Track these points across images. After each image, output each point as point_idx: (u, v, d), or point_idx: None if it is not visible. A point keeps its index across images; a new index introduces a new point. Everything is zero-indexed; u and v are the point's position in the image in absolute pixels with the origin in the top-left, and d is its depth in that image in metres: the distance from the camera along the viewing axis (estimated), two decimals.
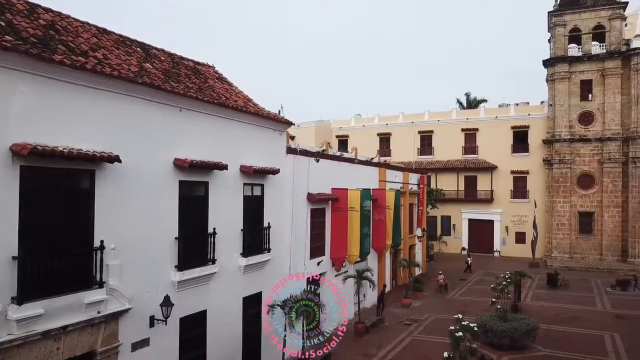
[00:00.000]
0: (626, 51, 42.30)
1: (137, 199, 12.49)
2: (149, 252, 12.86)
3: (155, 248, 13.07)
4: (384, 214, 27.13)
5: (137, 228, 12.44)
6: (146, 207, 12.78)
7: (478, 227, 48.82)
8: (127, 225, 12.16)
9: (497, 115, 49.13)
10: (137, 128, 12.68)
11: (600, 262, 41.84)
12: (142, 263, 12.61)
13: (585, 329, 23.02)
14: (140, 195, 12.60)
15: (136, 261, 12.39)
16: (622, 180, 42.16)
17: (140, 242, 12.57)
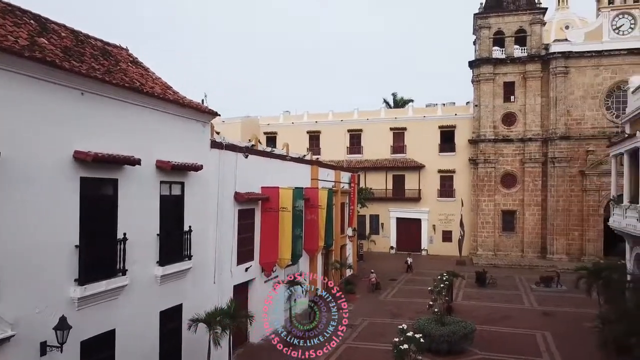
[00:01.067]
0: (545, 55, 43.90)
1: (24, 199, 10.17)
2: (40, 263, 10.58)
3: (48, 258, 10.79)
4: (316, 214, 25.76)
5: (24, 235, 10.13)
6: (37, 209, 10.49)
7: (406, 226, 48.92)
8: (10, 232, 9.83)
9: (425, 115, 49.45)
10: (26, 113, 10.35)
11: (522, 258, 43.17)
12: (30, 277, 10.33)
13: (517, 328, 22.93)
14: (29, 194, 10.29)
15: (22, 275, 10.10)
16: (541, 180, 43.72)
17: (28, 251, 10.28)
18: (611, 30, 42.28)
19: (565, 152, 42.54)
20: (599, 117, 42.28)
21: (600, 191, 41.29)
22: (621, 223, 20.21)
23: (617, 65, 41.89)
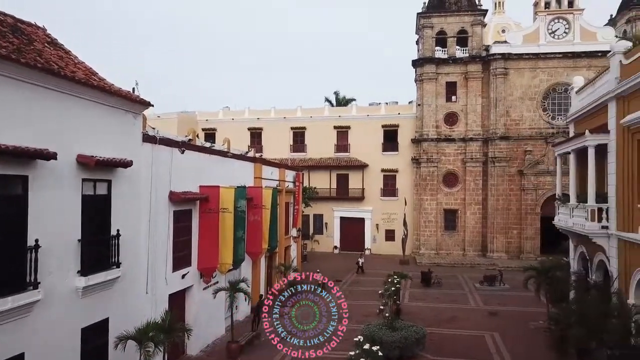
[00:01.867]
0: (486, 56, 44.57)
1: None
2: None
3: None
4: (260, 215, 24.27)
5: None
6: None
7: (349, 225, 48.28)
8: None
9: (369, 114, 48.98)
10: None
11: (464, 257, 43.60)
12: None
13: (465, 329, 22.52)
14: None
15: None
16: (482, 179, 44.36)
17: None
18: (547, 34, 43.50)
19: (504, 152, 43.36)
20: (536, 118, 43.40)
21: (537, 190, 42.40)
22: (567, 222, 20.20)
23: (553, 68, 43.15)
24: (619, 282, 16.58)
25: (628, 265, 16.07)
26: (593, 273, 19.37)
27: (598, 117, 19.04)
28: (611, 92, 17.08)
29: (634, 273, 15.54)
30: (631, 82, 15.43)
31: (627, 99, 16.21)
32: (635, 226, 15.59)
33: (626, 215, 16.17)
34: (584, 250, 20.75)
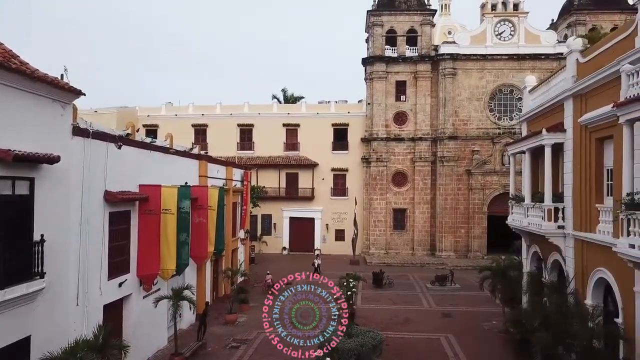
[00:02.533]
0: (435, 56, 44.74)
1: None
2: None
3: None
4: (205, 216, 22.71)
5: None
6: None
7: (299, 225, 47.21)
8: None
9: (319, 112, 48.11)
10: None
11: (413, 256, 43.55)
12: None
13: (421, 332, 21.99)
14: None
15: None
16: (431, 179, 44.49)
17: None
18: (494, 35, 44.20)
19: (453, 151, 43.66)
20: (483, 118, 43.98)
21: (484, 189, 42.97)
22: (522, 222, 20.03)
23: (499, 69, 43.88)
24: (576, 283, 16.40)
25: (585, 265, 15.88)
26: (547, 273, 19.22)
27: (553, 116, 18.90)
28: (568, 90, 16.89)
29: (591, 273, 15.35)
30: (590, 80, 15.21)
31: (584, 98, 16.03)
32: (593, 226, 15.40)
33: (583, 215, 15.98)
34: (537, 249, 20.65)
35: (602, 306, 15.35)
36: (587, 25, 44.33)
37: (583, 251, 16.05)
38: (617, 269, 13.78)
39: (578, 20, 44.09)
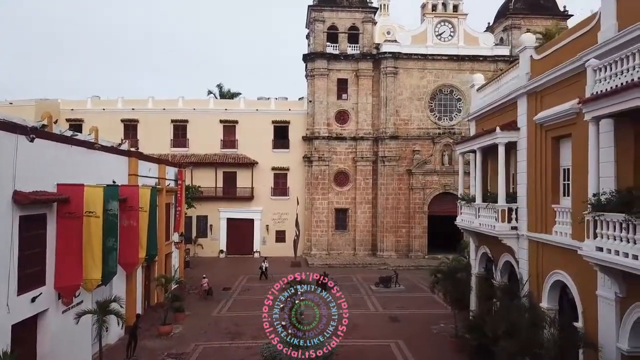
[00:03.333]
0: (377, 54, 44.32)
1: None
2: None
3: None
4: (136, 219, 20.57)
5: None
6: None
7: (237, 226, 45.22)
8: None
9: (258, 108, 46.37)
10: None
11: (354, 257, 42.89)
12: None
13: (370, 339, 21.06)
14: None
15: None
16: (372, 178, 44.04)
17: None
18: (434, 35, 44.40)
19: (394, 151, 43.41)
20: (424, 118, 44.06)
21: (425, 189, 43.05)
22: (473, 222, 19.55)
23: (440, 70, 44.14)
24: (530, 285, 15.97)
25: (540, 267, 15.46)
26: (498, 275, 18.82)
27: (504, 114, 18.51)
28: (522, 88, 16.45)
29: (547, 276, 14.92)
30: (547, 77, 14.77)
31: (539, 95, 15.61)
32: (549, 227, 14.99)
33: (538, 215, 15.56)
34: (487, 251, 20.26)
35: (558, 309, 15.02)
36: (522, 29, 45.31)
37: (538, 253, 15.62)
38: (576, 272, 13.35)
39: (514, 24, 45.15)
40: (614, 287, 11.48)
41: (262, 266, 34.79)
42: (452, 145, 43.25)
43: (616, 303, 11.49)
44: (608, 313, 11.74)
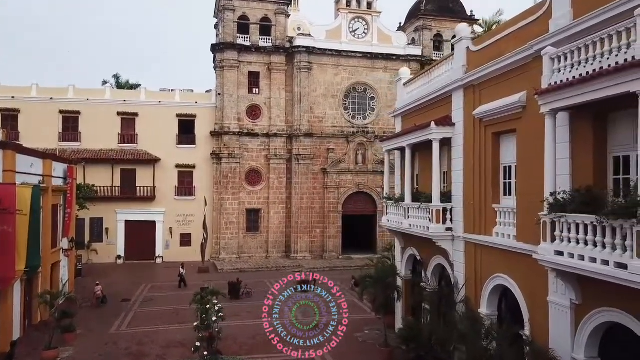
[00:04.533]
0: (290, 48, 42.64)
1: None
2: None
3: None
4: (12, 223, 17.01)
5: None
6: None
7: (137, 229, 41.19)
8: None
9: (161, 101, 42.66)
10: None
11: (267, 260, 40.87)
12: None
13: (292, 351, 19.16)
14: None
15: None
16: (286, 177, 42.32)
17: None
18: (349, 32, 43.66)
19: (309, 149, 42.02)
20: (338, 116, 43.14)
21: (339, 189, 42.15)
22: (402, 223, 18.47)
23: (354, 67, 43.47)
24: (467, 290, 15.09)
25: (479, 271, 14.62)
26: (429, 279, 17.86)
27: (436, 109, 17.59)
28: (458, 81, 15.55)
29: (487, 280, 14.08)
30: (487, 69, 13.91)
31: (478, 89, 14.76)
32: (489, 228, 14.16)
33: (477, 216, 14.70)
34: (415, 252, 19.29)
35: (497, 314, 14.25)
36: (432, 31, 46.22)
37: (476, 256, 14.76)
38: (522, 276, 12.54)
39: (425, 25, 45.73)
40: (569, 294, 10.69)
41: (181, 273, 31.67)
42: (365, 144, 42.88)
43: (571, 310, 10.71)
44: (562, 321, 10.94)
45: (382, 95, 43.73)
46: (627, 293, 8.69)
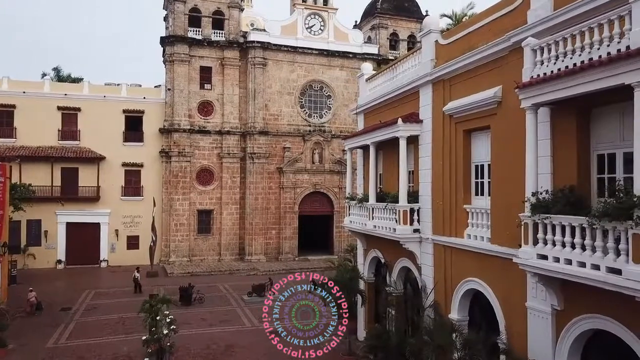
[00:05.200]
0: (244, 43, 41.23)
1: None
2: None
3: None
4: None
5: None
6: None
7: (80, 232, 38.59)
8: None
9: (106, 95, 40.18)
10: None
11: (220, 263, 39.26)
12: None
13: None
14: None
15: None
16: (240, 177, 40.85)
17: None
18: (304, 28, 42.70)
19: (264, 147, 40.75)
20: (294, 114, 42.10)
21: (295, 188, 41.12)
22: (366, 224, 17.66)
23: (310, 64, 42.56)
24: (436, 294, 14.42)
25: (449, 274, 13.96)
26: (394, 282, 17.13)
27: (401, 106, 16.86)
28: (427, 75, 14.84)
29: (458, 285, 13.44)
30: (458, 63, 13.26)
31: (448, 84, 14.11)
32: (460, 229, 13.53)
33: (446, 217, 14.05)
34: (379, 255, 18.52)
35: (468, 319, 13.65)
36: (388, 29, 45.94)
37: (446, 258, 14.10)
38: (497, 280, 11.94)
39: (381, 24, 45.39)
40: (549, 299, 10.10)
41: (137, 277, 29.70)
42: (322, 143, 42.07)
43: (552, 317, 10.13)
44: (542, 328, 10.35)
45: (339, 94, 43.03)
46: (616, 299, 8.16)
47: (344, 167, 41.66)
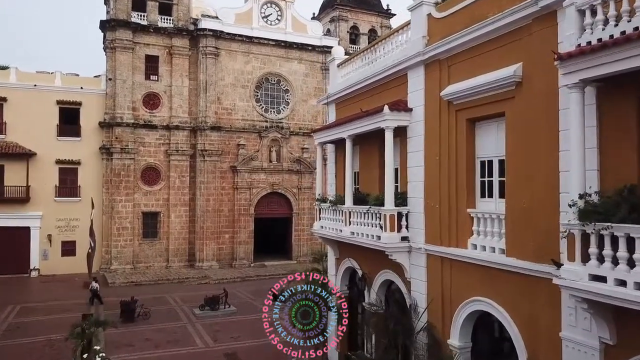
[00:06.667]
0: (195, 31, 37.91)
1: None
2: None
3: None
4: None
5: None
6: None
7: (6, 237, 34.10)
8: None
9: (37, 84, 35.83)
10: None
11: (168, 270, 35.77)
12: None
13: None
14: None
15: None
16: (190, 176, 37.48)
17: None
18: (260, 17, 39.86)
19: (216, 144, 37.56)
20: (249, 108, 39.18)
21: (251, 189, 38.18)
22: (342, 231, 15.20)
23: (266, 56, 39.76)
24: (430, 315, 12.12)
25: (448, 292, 11.69)
26: (373, 297, 14.72)
27: (383, 92, 14.49)
28: (418, 55, 12.51)
29: (462, 304, 11.17)
30: (459, 39, 11.00)
31: (446, 64, 11.83)
32: (462, 238, 11.28)
33: (444, 223, 11.77)
34: (354, 265, 16.07)
35: (471, 346, 11.42)
36: (349, 22, 43.82)
37: (444, 273, 11.81)
38: (515, 302, 9.72)
39: (341, 16, 43.22)
40: (598, 330, 7.93)
41: (95, 287, 25.96)
42: (280, 140, 39.37)
43: (601, 353, 7.97)
44: None
45: (298, 88, 40.44)
46: None
47: (303, 166, 39.21)
